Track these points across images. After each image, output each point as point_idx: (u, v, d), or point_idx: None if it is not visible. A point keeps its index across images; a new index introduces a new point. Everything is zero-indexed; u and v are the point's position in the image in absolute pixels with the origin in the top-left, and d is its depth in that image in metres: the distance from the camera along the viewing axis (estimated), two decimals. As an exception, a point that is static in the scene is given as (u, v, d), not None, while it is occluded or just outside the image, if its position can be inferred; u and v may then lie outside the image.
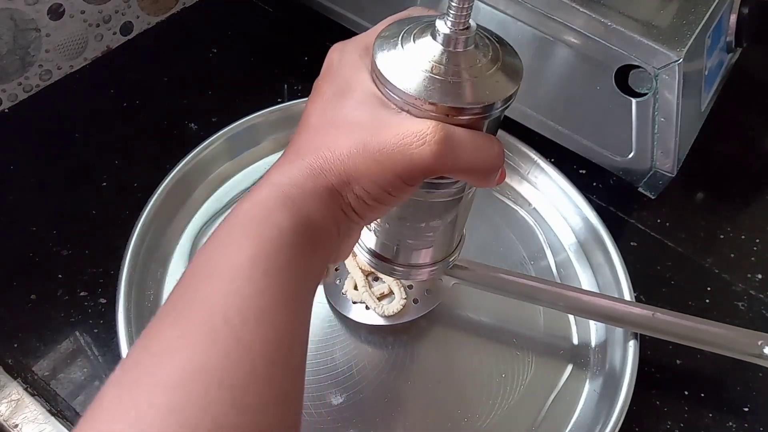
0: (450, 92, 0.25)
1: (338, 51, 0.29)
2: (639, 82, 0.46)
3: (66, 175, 0.50)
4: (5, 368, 0.41)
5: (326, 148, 0.26)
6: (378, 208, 0.27)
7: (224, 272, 0.23)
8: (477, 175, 0.27)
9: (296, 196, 0.25)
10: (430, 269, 0.36)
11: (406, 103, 0.26)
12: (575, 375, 0.42)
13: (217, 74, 0.59)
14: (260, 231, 0.24)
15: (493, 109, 0.26)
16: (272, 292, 0.23)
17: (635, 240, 0.51)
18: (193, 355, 0.21)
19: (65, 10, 0.53)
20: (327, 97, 0.28)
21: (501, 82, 0.26)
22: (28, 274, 0.44)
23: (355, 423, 0.39)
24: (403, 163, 0.25)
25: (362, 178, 0.26)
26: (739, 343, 0.40)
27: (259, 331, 0.22)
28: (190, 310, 0.23)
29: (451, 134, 0.25)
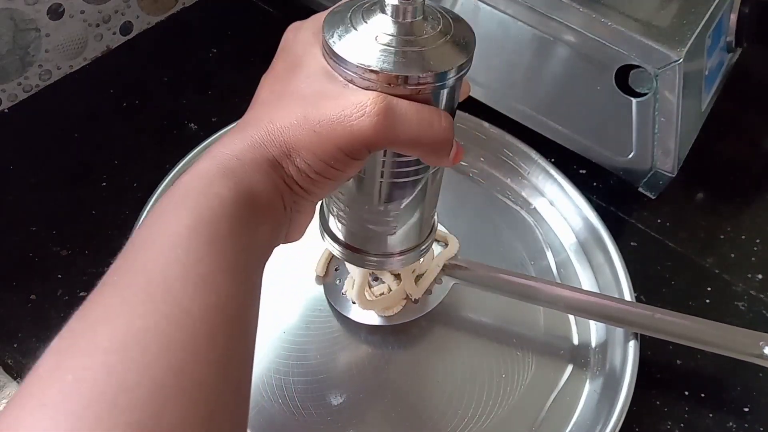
0: (392, 61, 0.25)
1: (293, 30, 0.29)
2: (639, 82, 0.46)
3: (66, 175, 0.50)
4: (5, 368, 0.41)
5: (269, 120, 0.26)
6: (323, 182, 0.27)
7: (164, 241, 0.23)
8: (423, 149, 0.27)
9: (237, 168, 0.25)
10: (401, 258, 0.35)
11: (348, 72, 0.26)
12: (575, 375, 0.42)
13: (217, 74, 0.59)
14: (200, 201, 0.24)
15: (438, 79, 0.26)
16: (212, 259, 0.23)
17: (635, 240, 0.51)
18: (132, 320, 0.21)
19: (65, 10, 0.53)
20: (278, 73, 0.28)
21: (448, 53, 0.26)
22: (28, 274, 0.44)
23: (355, 423, 0.39)
24: (343, 134, 0.25)
25: (302, 149, 0.25)
26: (739, 343, 0.40)
27: (200, 296, 0.22)
28: (129, 278, 0.22)
29: (392, 106, 0.25)
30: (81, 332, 0.21)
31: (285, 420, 0.38)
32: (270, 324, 0.42)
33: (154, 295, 0.22)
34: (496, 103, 0.53)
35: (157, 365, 0.20)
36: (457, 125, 0.52)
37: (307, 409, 0.39)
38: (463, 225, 0.48)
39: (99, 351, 0.20)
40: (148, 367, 0.20)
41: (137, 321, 0.21)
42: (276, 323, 0.42)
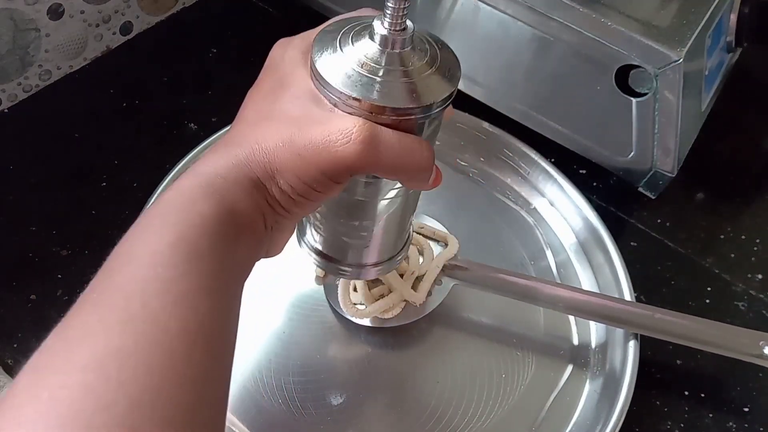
0: (377, 91, 0.25)
1: (281, 47, 0.29)
2: (639, 82, 0.46)
3: (66, 175, 0.50)
4: (5, 368, 0.41)
5: (254, 140, 0.26)
6: (304, 203, 0.27)
7: (143, 258, 0.23)
8: (404, 176, 0.27)
9: (220, 186, 0.25)
10: (376, 269, 0.35)
11: (334, 98, 0.26)
12: (575, 375, 0.42)
13: (217, 74, 0.59)
14: (182, 218, 0.24)
15: (423, 111, 0.26)
16: (192, 277, 0.23)
17: (635, 240, 0.51)
18: (109, 339, 0.21)
19: (65, 10, 0.53)
20: (264, 91, 0.28)
21: (434, 85, 0.26)
22: (28, 274, 0.44)
23: (355, 423, 0.39)
24: (327, 159, 0.25)
25: (286, 172, 0.26)
26: (739, 343, 0.40)
27: (178, 314, 0.22)
28: (108, 296, 0.23)
29: (376, 134, 0.25)
30: (59, 350, 0.21)
31: (285, 420, 0.38)
32: (270, 324, 0.42)
33: (133, 313, 0.21)
34: (496, 103, 0.53)
35: (134, 384, 0.20)
36: (457, 125, 0.53)
37: (307, 409, 0.39)
38: (463, 225, 0.48)
39: (76, 369, 0.20)
40: (124, 385, 0.20)
41: (115, 339, 0.21)
42: (276, 323, 0.42)
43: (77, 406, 0.19)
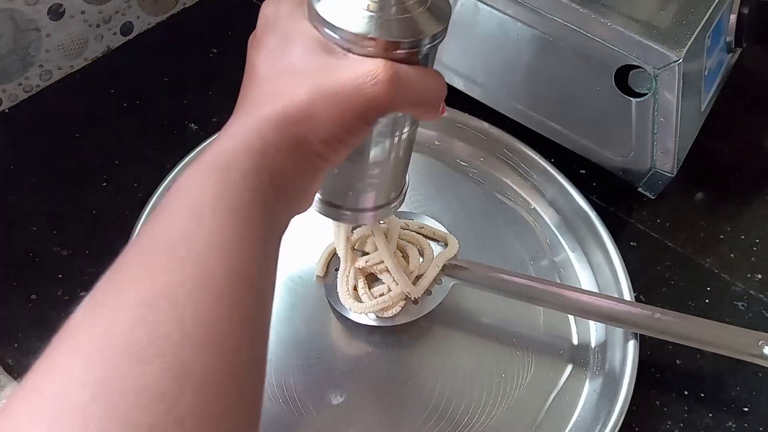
0: (388, 28, 0.27)
1: (273, 4, 0.30)
2: (639, 82, 0.46)
3: (66, 175, 0.50)
4: (5, 368, 0.41)
5: (283, 95, 0.27)
6: (340, 149, 0.28)
7: (188, 209, 0.24)
8: (425, 107, 0.29)
9: (259, 146, 0.26)
10: (373, 213, 0.36)
11: (348, 42, 0.27)
12: (575, 375, 0.42)
13: (217, 74, 0.59)
14: (223, 175, 0.25)
15: (430, 41, 0.28)
16: (234, 228, 0.24)
17: (635, 240, 0.51)
18: (159, 280, 0.22)
19: (65, 10, 0.53)
20: (271, 48, 0.28)
21: (432, 18, 0.28)
22: (28, 274, 0.44)
23: (355, 423, 0.39)
24: (360, 102, 0.26)
25: (324, 121, 0.26)
26: (739, 343, 0.40)
27: (223, 261, 0.23)
28: (155, 242, 0.23)
29: (398, 71, 0.27)
30: (109, 291, 0.22)
31: (285, 420, 0.38)
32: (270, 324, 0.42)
33: (180, 257, 0.22)
34: (496, 103, 0.53)
35: (186, 319, 0.21)
36: (457, 125, 0.53)
37: (307, 408, 0.39)
38: (463, 225, 0.48)
39: (128, 306, 0.21)
40: (177, 319, 0.21)
41: (166, 278, 0.22)
42: (276, 323, 0.42)
43: (130, 337, 0.20)
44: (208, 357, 0.21)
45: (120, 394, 0.19)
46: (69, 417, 0.19)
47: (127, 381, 0.19)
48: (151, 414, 0.19)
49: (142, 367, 0.20)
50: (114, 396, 0.19)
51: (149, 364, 0.20)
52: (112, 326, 0.21)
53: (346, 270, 0.42)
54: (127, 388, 0.19)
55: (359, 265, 0.42)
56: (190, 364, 0.20)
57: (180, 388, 0.20)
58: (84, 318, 0.22)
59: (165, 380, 0.20)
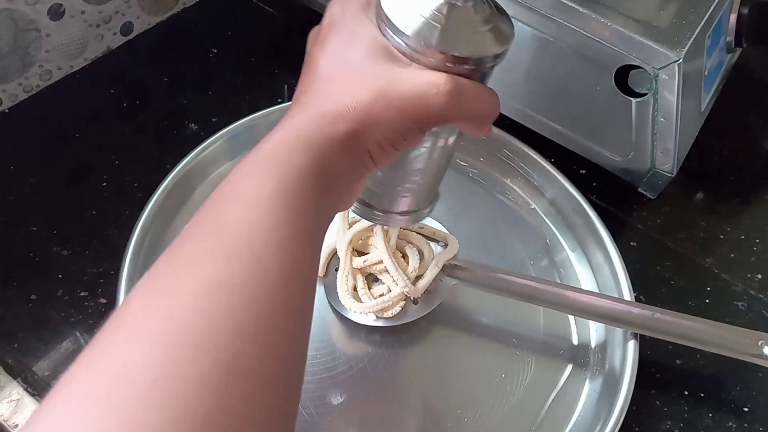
0: (457, 43, 0.28)
1: (339, 4, 0.30)
2: (639, 82, 0.46)
3: (66, 175, 0.50)
4: (5, 368, 0.41)
5: (345, 95, 0.27)
6: (392, 153, 0.29)
7: (247, 201, 0.25)
8: (478, 122, 0.30)
9: (316, 141, 0.27)
10: (405, 217, 0.37)
11: (415, 51, 0.28)
12: (575, 375, 0.42)
13: (217, 74, 0.59)
14: (282, 169, 0.26)
15: (492, 60, 0.29)
16: (290, 224, 0.25)
17: (635, 240, 0.51)
18: (217, 269, 0.23)
19: (65, 10, 0.53)
20: (335, 47, 0.29)
21: (497, 38, 0.29)
22: (28, 274, 0.44)
23: (355, 423, 0.39)
24: (420, 110, 0.27)
25: (382, 123, 0.27)
26: (739, 343, 0.40)
27: (278, 256, 0.24)
28: (214, 229, 0.24)
29: (460, 85, 0.28)
30: (170, 275, 0.23)
31: (285, 420, 0.38)
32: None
33: (238, 248, 0.23)
34: (496, 103, 0.53)
35: (240, 312, 0.22)
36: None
37: (307, 408, 0.39)
38: (463, 225, 0.48)
39: (187, 293, 0.22)
40: (231, 312, 0.22)
41: (223, 270, 0.23)
42: (276, 323, 0.42)
43: (189, 326, 0.21)
44: (258, 350, 0.22)
45: (178, 382, 0.20)
46: (129, 399, 0.19)
47: (184, 369, 0.20)
48: (204, 403, 0.20)
49: (198, 357, 0.20)
50: (172, 383, 0.20)
51: (204, 354, 0.20)
52: (172, 312, 0.21)
53: (345, 270, 0.42)
54: (184, 377, 0.20)
55: (359, 265, 0.42)
56: (241, 356, 0.21)
57: (232, 380, 0.20)
58: (145, 301, 0.22)
59: (218, 371, 0.20)
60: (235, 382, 0.21)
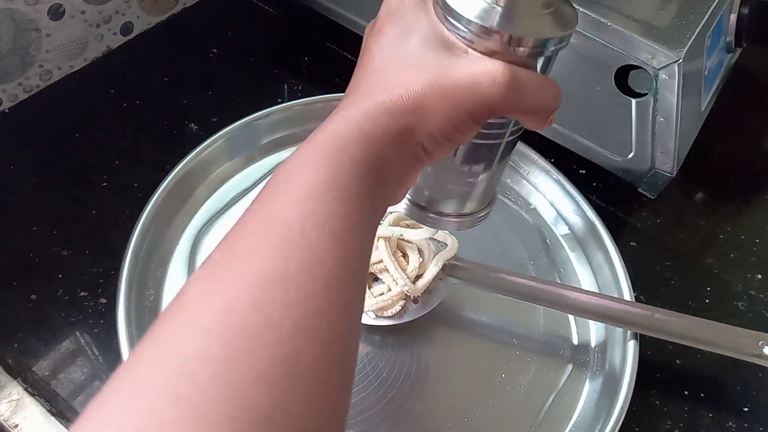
0: (515, 24, 0.27)
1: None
2: (639, 82, 0.46)
3: (66, 175, 0.50)
4: (5, 368, 0.41)
5: (399, 85, 0.27)
6: (446, 146, 0.28)
7: (301, 191, 0.24)
8: (537, 114, 0.29)
9: (370, 132, 0.26)
10: (459, 220, 0.36)
11: (471, 33, 0.27)
12: (575, 375, 0.42)
13: (217, 74, 0.59)
14: (335, 160, 0.25)
15: (555, 43, 0.28)
16: (344, 216, 0.24)
17: (635, 240, 0.51)
18: (274, 261, 0.22)
19: (65, 10, 0.53)
20: (391, 38, 0.29)
21: (558, 22, 0.28)
22: (28, 274, 0.44)
23: (355, 423, 0.39)
24: (474, 100, 0.26)
25: (436, 114, 0.27)
26: (739, 343, 0.40)
27: (332, 248, 0.23)
28: (270, 219, 0.24)
29: (517, 74, 0.27)
30: (228, 264, 0.23)
31: (285, 420, 0.38)
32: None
33: (293, 240, 0.23)
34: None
35: (298, 307, 0.21)
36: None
37: (307, 408, 0.39)
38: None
39: (246, 284, 0.22)
40: (288, 307, 0.21)
41: (279, 263, 0.22)
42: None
43: (248, 319, 0.21)
44: (315, 347, 0.21)
45: (238, 377, 0.19)
46: (190, 393, 0.19)
47: (242, 365, 0.20)
48: (263, 401, 0.19)
49: (258, 354, 0.20)
50: (232, 377, 0.19)
51: (263, 350, 0.20)
52: (231, 304, 0.21)
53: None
54: (242, 374, 0.20)
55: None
56: (299, 353, 0.21)
57: (289, 378, 0.20)
58: (202, 291, 0.22)
59: (277, 369, 0.20)
60: (293, 381, 0.20)
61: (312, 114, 0.52)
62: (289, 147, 0.51)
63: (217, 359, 0.20)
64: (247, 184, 0.50)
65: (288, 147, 0.52)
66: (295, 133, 0.52)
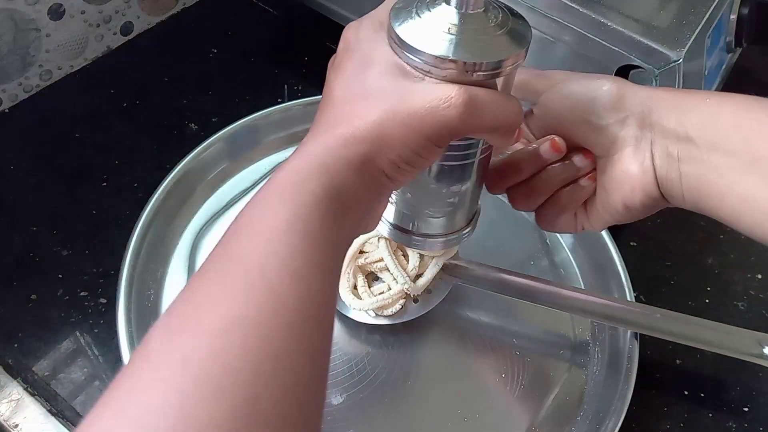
0: (467, 50, 0.27)
1: (353, 29, 0.30)
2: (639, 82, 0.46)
3: (66, 175, 0.50)
4: (5, 368, 0.41)
5: (357, 117, 0.27)
6: (408, 171, 0.28)
7: (262, 233, 0.24)
8: (499, 132, 0.29)
9: (330, 165, 0.26)
10: (446, 239, 0.36)
11: (427, 64, 0.27)
12: (575, 375, 0.42)
13: (217, 74, 0.59)
14: (295, 197, 0.25)
15: (510, 63, 0.28)
16: (306, 255, 0.24)
17: (635, 240, 0.51)
18: (233, 307, 0.22)
19: (65, 10, 0.53)
20: (349, 72, 0.29)
21: (513, 41, 0.28)
22: (28, 274, 0.44)
23: (355, 423, 0.39)
24: (432, 125, 0.27)
25: (395, 141, 0.27)
26: (739, 343, 0.40)
27: (294, 289, 0.23)
28: (230, 265, 0.24)
29: (474, 95, 0.27)
30: (187, 314, 0.23)
31: (285, 420, 0.38)
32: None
33: (253, 283, 0.23)
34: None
35: (257, 351, 0.21)
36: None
37: (307, 408, 0.39)
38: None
39: (204, 333, 0.22)
40: (248, 352, 0.21)
41: (239, 307, 0.22)
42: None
43: (206, 369, 0.21)
44: (273, 390, 0.21)
45: (194, 428, 0.20)
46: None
47: (201, 414, 0.20)
48: None
49: (216, 401, 0.20)
50: (189, 429, 0.20)
51: (222, 398, 0.20)
52: (189, 355, 0.21)
53: (348, 268, 0.42)
54: (201, 423, 0.20)
55: (359, 262, 0.42)
56: (259, 399, 0.21)
57: (249, 424, 0.20)
58: (164, 343, 0.22)
59: (236, 416, 0.20)
60: (253, 426, 0.20)
61: (312, 114, 0.51)
62: (289, 147, 0.52)
63: (176, 411, 0.20)
64: (247, 184, 0.50)
65: (288, 147, 0.52)
66: (295, 133, 0.52)
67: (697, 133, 0.31)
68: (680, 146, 0.31)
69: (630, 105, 0.32)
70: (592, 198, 0.35)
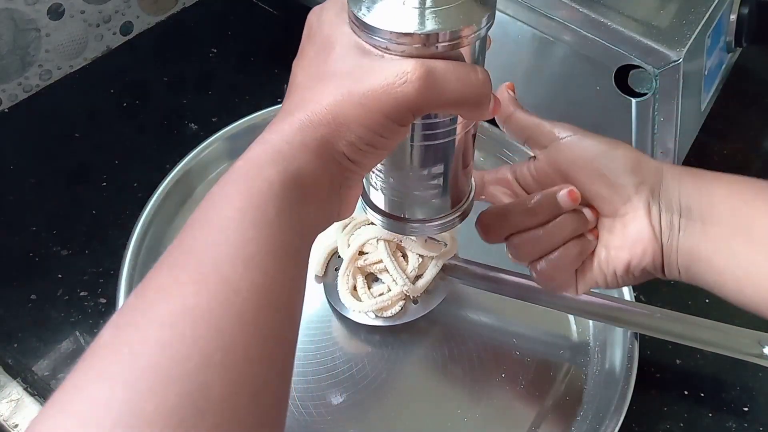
0: (424, 22, 0.26)
1: (315, 13, 0.30)
2: (639, 82, 0.46)
3: (66, 175, 0.50)
4: (5, 368, 0.41)
5: (313, 101, 0.27)
6: (372, 152, 0.28)
7: (214, 223, 0.24)
8: (466, 106, 0.28)
9: (286, 151, 0.26)
10: (442, 222, 0.35)
11: (382, 41, 0.26)
12: (575, 375, 0.42)
13: (217, 74, 0.59)
14: (249, 185, 0.25)
15: (471, 32, 0.27)
16: (260, 241, 0.24)
17: (635, 240, 0.51)
18: (184, 298, 0.22)
19: (65, 10, 0.53)
20: (309, 57, 0.29)
21: (473, 9, 0.27)
22: (28, 274, 0.44)
23: (355, 423, 0.39)
24: (389, 102, 0.26)
25: (351, 123, 0.26)
26: (739, 343, 0.40)
27: (248, 277, 0.23)
28: (183, 257, 0.24)
29: (431, 68, 0.26)
30: (137, 308, 0.23)
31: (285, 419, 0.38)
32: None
33: (205, 274, 0.22)
34: (496, 103, 0.53)
35: (207, 340, 0.21)
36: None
37: (307, 408, 0.39)
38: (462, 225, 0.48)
39: (153, 326, 0.21)
40: (197, 342, 0.21)
41: (189, 298, 0.22)
42: (276, 323, 0.42)
43: (155, 360, 0.20)
44: (227, 380, 0.21)
45: (141, 419, 0.19)
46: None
47: (148, 405, 0.19)
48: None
49: (164, 392, 0.20)
50: (135, 421, 0.19)
51: (170, 387, 0.20)
52: (137, 348, 0.21)
53: (347, 269, 0.42)
54: (147, 414, 0.19)
55: (358, 263, 0.42)
56: (209, 388, 0.20)
57: (199, 413, 0.20)
58: (112, 336, 0.22)
59: (184, 405, 0.20)
60: (203, 416, 0.20)
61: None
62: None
63: (121, 403, 0.20)
64: (247, 184, 0.50)
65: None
66: (295, 133, 0.52)
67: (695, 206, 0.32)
68: (681, 219, 0.32)
69: (646, 172, 0.33)
70: (589, 257, 0.35)
